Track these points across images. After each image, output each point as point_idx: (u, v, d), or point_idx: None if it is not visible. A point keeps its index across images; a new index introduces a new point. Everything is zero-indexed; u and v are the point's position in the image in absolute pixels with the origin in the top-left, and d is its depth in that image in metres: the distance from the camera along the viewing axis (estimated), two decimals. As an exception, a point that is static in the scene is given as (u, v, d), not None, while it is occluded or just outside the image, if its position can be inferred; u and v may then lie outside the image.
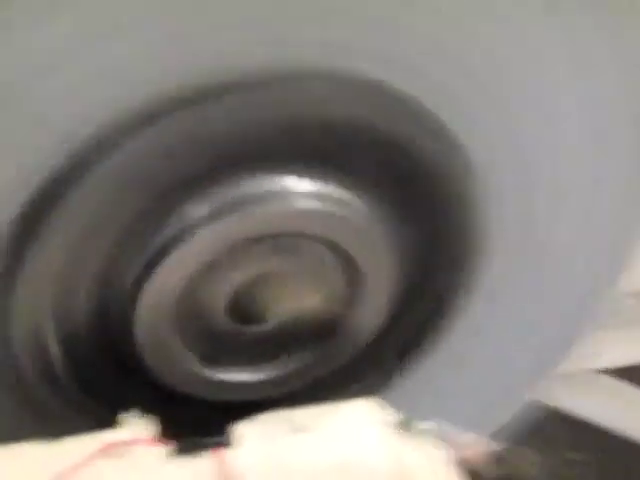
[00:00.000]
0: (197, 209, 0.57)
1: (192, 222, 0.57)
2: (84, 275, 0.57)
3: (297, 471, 0.55)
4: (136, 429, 0.57)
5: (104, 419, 0.56)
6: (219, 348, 0.62)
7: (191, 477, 0.54)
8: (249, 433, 0.58)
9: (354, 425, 0.59)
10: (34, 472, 0.54)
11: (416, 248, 0.63)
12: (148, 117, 0.52)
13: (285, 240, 0.60)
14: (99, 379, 0.61)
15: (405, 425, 0.60)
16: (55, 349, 0.59)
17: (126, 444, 0.56)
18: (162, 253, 0.57)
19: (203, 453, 0.56)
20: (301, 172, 0.58)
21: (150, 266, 0.57)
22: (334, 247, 0.61)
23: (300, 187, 0.59)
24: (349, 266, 0.61)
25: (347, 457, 0.56)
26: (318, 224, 0.59)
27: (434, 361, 0.70)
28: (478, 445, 0.60)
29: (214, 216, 0.57)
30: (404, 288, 0.64)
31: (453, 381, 0.73)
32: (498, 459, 0.61)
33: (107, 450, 0.55)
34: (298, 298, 0.63)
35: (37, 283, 0.56)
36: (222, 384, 0.63)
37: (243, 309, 0.61)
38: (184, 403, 0.63)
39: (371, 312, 0.64)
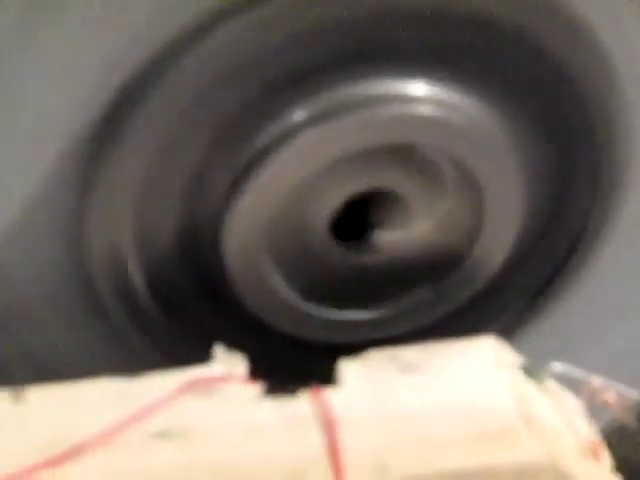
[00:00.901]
0: (300, 111, 0.50)
1: (294, 126, 0.50)
2: (169, 187, 0.51)
3: (410, 416, 0.49)
4: (226, 366, 0.51)
5: (187, 355, 0.51)
6: (320, 279, 0.56)
7: (288, 419, 0.49)
8: (353, 372, 0.52)
9: (472, 366, 0.52)
10: (117, 406, 0.48)
11: (550, 171, 0.56)
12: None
13: (397, 152, 0.52)
14: (183, 307, 0.56)
15: (529, 369, 0.54)
16: (136, 271, 0.53)
17: (215, 381, 0.50)
18: (257, 161, 0.50)
19: (300, 393, 0.50)
20: (421, 75, 0.51)
21: (243, 176, 0.51)
22: (455, 163, 0.53)
23: (419, 92, 0.52)
24: (471, 186, 0.54)
25: (464, 398, 0.50)
26: (438, 134, 0.52)
27: (568, 306, 0.62)
28: (613, 391, 0.53)
29: (319, 119, 0.50)
30: (534, 218, 0.57)
31: (588, 328, 0.65)
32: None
33: (195, 386, 0.50)
34: (412, 222, 0.56)
35: (117, 193, 0.50)
36: (322, 321, 0.57)
37: (349, 230, 0.55)
38: (279, 341, 0.57)
39: (495, 243, 0.56)
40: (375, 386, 0.51)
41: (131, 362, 0.53)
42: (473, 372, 0.52)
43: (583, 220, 0.59)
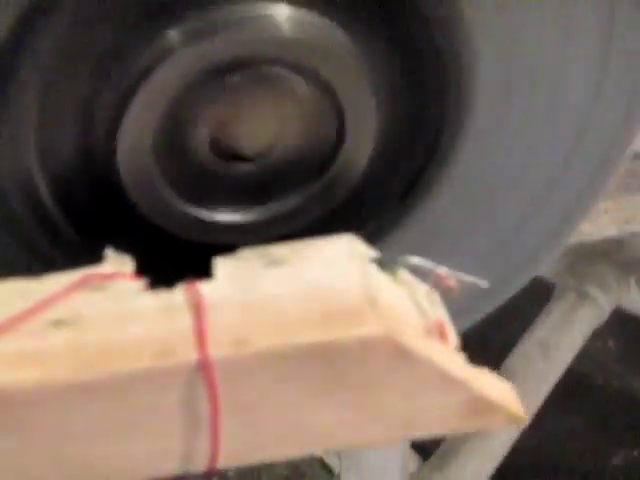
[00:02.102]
0: (175, 33, 0.58)
1: (170, 46, 0.58)
2: (65, 113, 0.59)
3: (270, 300, 0.57)
4: (116, 265, 0.59)
5: (92, 261, 0.59)
6: (204, 187, 0.64)
7: (163, 307, 0.57)
8: (224, 267, 0.59)
9: (329, 258, 0.60)
10: (19, 301, 0.57)
11: (401, 85, 0.63)
12: None
13: (266, 69, 0.60)
14: (87, 216, 0.64)
15: (382, 261, 0.61)
16: (44, 188, 0.62)
17: (106, 277, 0.58)
18: (140, 79, 0.59)
19: (178, 286, 0.58)
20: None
21: (128, 96, 0.59)
22: (315, 78, 0.61)
23: (282, 13, 0.60)
24: (330, 99, 0.62)
25: (318, 284, 0.57)
26: (299, 52, 0.60)
27: (432, 208, 0.70)
28: (454, 278, 0.61)
29: (190, 40, 0.58)
30: (392, 126, 0.64)
31: (452, 229, 0.73)
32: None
33: (87, 282, 0.58)
34: (281, 134, 0.64)
35: (18, 124, 0.59)
36: (205, 224, 0.65)
37: (225, 143, 0.63)
38: (171, 244, 0.65)
39: (357, 150, 0.64)
40: (242, 278, 0.59)
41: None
42: (329, 263, 0.59)
43: (437, 129, 0.66)
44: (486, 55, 0.64)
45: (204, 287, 0.57)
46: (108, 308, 0.57)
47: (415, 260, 0.61)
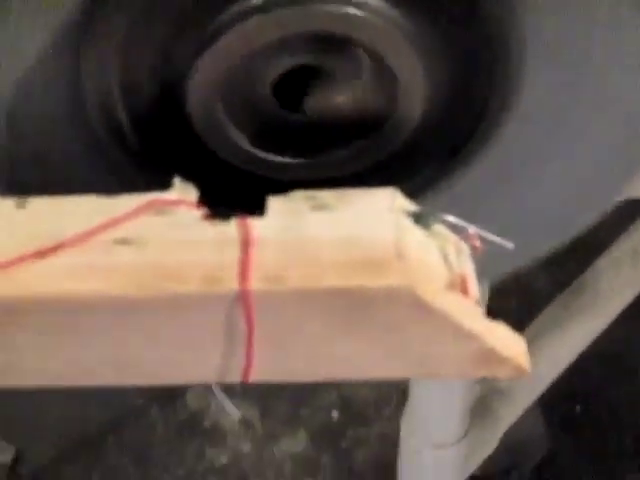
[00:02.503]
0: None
1: (245, 11, 0.65)
2: (147, 48, 0.66)
3: (309, 242, 0.64)
4: (182, 193, 0.67)
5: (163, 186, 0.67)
6: (267, 130, 0.71)
7: (217, 238, 0.64)
8: (275, 207, 0.66)
9: (371, 209, 0.66)
10: (94, 217, 0.65)
11: (450, 59, 0.69)
12: None
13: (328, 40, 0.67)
14: (161, 144, 0.71)
15: (419, 215, 0.67)
16: (123, 114, 0.69)
17: (170, 203, 0.66)
18: (216, 34, 0.65)
19: (232, 219, 0.65)
20: None
21: (206, 45, 0.65)
22: (372, 53, 0.67)
23: None
24: (385, 72, 0.68)
25: (354, 233, 0.64)
26: (361, 30, 0.66)
27: (474, 173, 0.76)
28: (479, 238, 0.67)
29: (265, 8, 0.65)
30: (440, 97, 0.70)
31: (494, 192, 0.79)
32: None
33: (153, 205, 0.66)
34: (337, 93, 0.70)
35: (104, 53, 0.66)
36: (267, 162, 0.72)
37: (287, 94, 0.69)
38: (235, 179, 0.73)
39: (406, 112, 0.70)
40: (289, 219, 0.66)
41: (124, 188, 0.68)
42: (369, 214, 0.66)
43: (483, 101, 0.72)
44: (535, 44, 0.69)
45: (254, 223, 0.65)
46: (168, 233, 0.65)
47: (448, 217, 0.67)
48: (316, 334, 0.65)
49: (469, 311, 0.66)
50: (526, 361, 0.67)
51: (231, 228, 0.65)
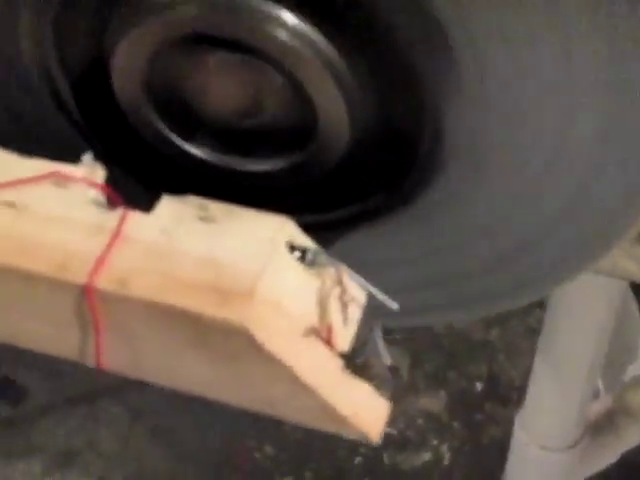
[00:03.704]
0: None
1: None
2: (79, 26, 0.67)
3: (176, 254, 0.63)
4: (88, 171, 0.67)
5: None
6: (188, 122, 0.70)
7: (94, 225, 0.64)
8: (165, 206, 0.66)
9: (253, 234, 0.64)
10: (-5, 173, 0.67)
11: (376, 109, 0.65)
12: None
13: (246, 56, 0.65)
14: (97, 117, 0.72)
15: (308, 253, 0.65)
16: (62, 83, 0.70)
17: (70, 179, 0.67)
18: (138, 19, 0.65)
19: (119, 208, 0.65)
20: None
21: (127, 27, 0.65)
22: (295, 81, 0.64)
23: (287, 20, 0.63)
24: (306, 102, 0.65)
25: (223, 255, 0.62)
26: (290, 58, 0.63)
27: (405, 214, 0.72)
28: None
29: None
30: (366, 126, 0.66)
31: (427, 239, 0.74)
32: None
33: (54, 176, 0.67)
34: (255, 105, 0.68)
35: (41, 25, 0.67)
36: (181, 151, 0.71)
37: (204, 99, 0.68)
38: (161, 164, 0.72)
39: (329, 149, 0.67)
40: (171, 222, 0.65)
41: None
42: (247, 239, 0.64)
43: (411, 146, 0.67)
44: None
45: (133, 218, 0.64)
46: (54, 207, 0.65)
47: (337, 263, 0.64)
48: (162, 344, 0.64)
49: (319, 362, 0.63)
50: (376, 427, 0.64)
51: (112, 218, 0.65)
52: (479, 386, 1.94)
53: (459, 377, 1.96)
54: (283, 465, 1.86)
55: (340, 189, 0.71)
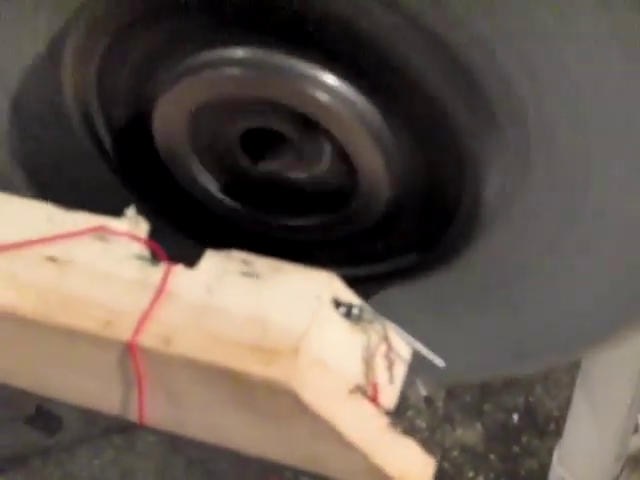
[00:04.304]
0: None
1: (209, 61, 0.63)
2: (122, 75, 0.66)
3: (219, 311, 0.63)
4: (132, 225, 0.67)
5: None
6: (229, 178, 0.69)
7: (138, 280, 0.64)
8: (208, 262, 0.65)
9: (298, 291, 0.63)
10: (38, 227, 0.66)
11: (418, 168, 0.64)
12: None
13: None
14: (137, 168, 0.71)
15: (356, 310, 0.64)
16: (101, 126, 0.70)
17: (114, 233, 0.66)
18: (181, 76, 0.64)
19: (162, 263, 0.65)
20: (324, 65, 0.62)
21: (170, 83, 0.65)
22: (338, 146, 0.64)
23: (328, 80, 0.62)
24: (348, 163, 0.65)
25: (267, 313, 0.62)
26: (330, 119, 0.63)
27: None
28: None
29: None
30: (405, 185, 0.66)
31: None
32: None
33: (98, 230, 0.66)
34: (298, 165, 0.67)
35: (84, 71, 0.67)
36: (228, 209, 0.70)
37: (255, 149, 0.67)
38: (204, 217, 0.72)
39: (368, 203, 0.66)
40: (214, 278, 0.64)
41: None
42: (292, 296, 0.63)
43: (453, 204, 0.66)
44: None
45: (177, 274, 0.64)
46: (97, 262, 0.65)
47: (386, 323, 0.63)
48: (206, 401, 0.64)
49: (365, 421, 0.62)
50: (424, 485, 0.63)
51: (155, 272, 0.64)
52: (516, 417, 1.92)
53: (495, 409, 1.94)
54: (318, 496, 1.84)
55: (375, 245, 0.71)
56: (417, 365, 0.65)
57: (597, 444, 1.48)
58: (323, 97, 0.61)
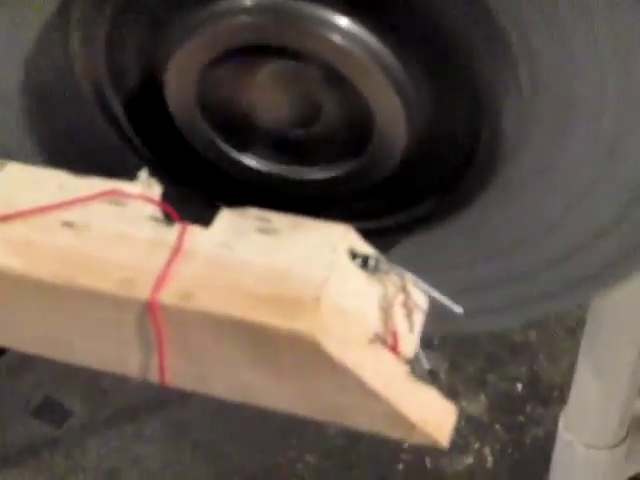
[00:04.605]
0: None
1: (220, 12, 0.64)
2: (130, 42, 0.67)
3: (237, 265, 0.63)
4: (144, 187, 0.67)
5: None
6: (243, 134, 0.69)
7: (153, 241, 0.64)
8: (224, 220, 0.65)
9: (315, 243, 0.64)
10: (52, 193, 0.67)
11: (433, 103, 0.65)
12: None
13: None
14: (151, 134, 0.72)
15: (372, 261, 0.64)
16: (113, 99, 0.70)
17: (128, 196, 0.67)
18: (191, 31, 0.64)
19: (176, 224, 0.65)
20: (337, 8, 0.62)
21: (180, 40, 0.65)
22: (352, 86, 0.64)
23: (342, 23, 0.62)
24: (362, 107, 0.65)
25: (286, 266, 0.62)
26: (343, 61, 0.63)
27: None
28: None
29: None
30: (423, 128, 0.66)
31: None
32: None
33: (111, 194, 0.67)
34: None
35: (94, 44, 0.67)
36: (233, 161, 0.71)
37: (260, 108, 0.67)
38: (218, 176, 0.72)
39: (385, 145, 0.66)
40: (231, 235, 0.65)
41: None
42: (310, 249, 0.63)
43: (469, 146, 0.66)
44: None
45: (193, 233, 0.64)
46: (112, 224, 0.65)
47: (399, 269, 0.64)
48: (225, 357, 0.64)
49: (386, 369, 0.63)
50: (444, 432, 0.64)
51: (171, 233, 0.65)
52: (519, 387, 1.93)
53: (499, 379, 1.95)
54: (325, 474, 1.85)
55: (395, 194, 0.71)
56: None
57: (602, 408, 1.49)
58: (338, 39, 0.62)
